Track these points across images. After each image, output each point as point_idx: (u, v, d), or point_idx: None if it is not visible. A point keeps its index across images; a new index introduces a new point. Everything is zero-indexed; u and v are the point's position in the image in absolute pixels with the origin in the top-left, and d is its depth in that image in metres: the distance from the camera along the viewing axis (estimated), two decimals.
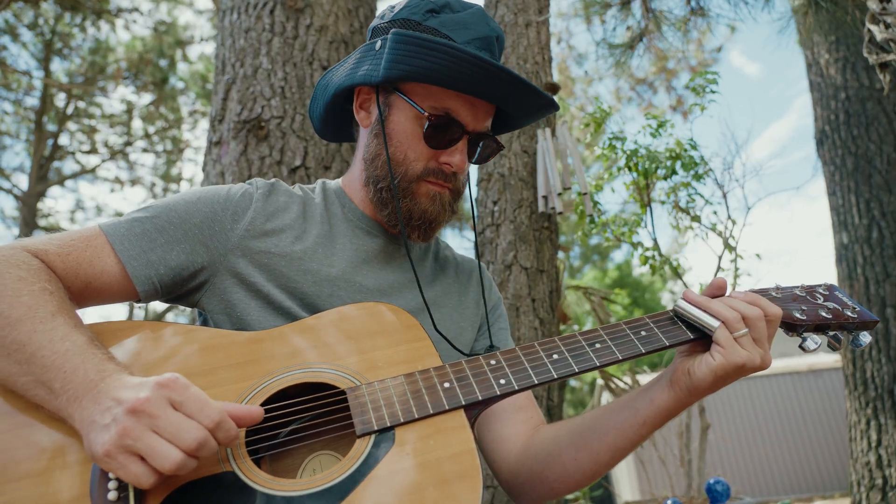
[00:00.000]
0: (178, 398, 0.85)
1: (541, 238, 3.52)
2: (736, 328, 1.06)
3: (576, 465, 1.21)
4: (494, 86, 1.20)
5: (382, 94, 1.28)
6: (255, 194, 1.28)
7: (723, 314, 1.08)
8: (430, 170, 1.25)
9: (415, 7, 1.26)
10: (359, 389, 1.03)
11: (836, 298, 1.23)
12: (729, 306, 1.08)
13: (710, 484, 3.73)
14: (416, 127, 1.24)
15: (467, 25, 1.24)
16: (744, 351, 1.06)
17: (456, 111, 1.23)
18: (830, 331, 1.19)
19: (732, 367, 1.06)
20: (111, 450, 0.82)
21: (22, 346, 0.93)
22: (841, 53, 6.92)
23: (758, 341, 1.08)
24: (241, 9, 3.68)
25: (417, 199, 1.26)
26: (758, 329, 1.07)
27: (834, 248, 6.84)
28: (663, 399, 1.13)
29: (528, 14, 3.88)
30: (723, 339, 1.06)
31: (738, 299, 1.10)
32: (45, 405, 0.92)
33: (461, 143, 1.25)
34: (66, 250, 1.11)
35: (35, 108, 13.85)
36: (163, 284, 1.17)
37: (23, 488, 0.88)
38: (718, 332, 1.07)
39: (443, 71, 1.15)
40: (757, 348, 1.07)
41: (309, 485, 0.92)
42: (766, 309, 1.09)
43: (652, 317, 1.15)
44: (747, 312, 1.07)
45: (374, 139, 1.29)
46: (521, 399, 1.38)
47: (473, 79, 1.17)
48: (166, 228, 1.18)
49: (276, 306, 1.20)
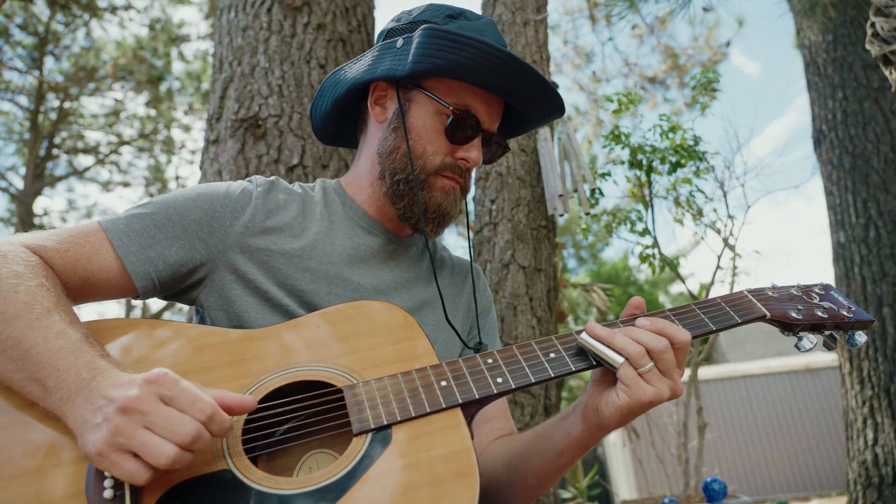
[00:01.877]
0: (168, 393, 0.85)
1: (538, 237, 3.52)
2: (640, 364, 1.02)
3: (508, 486, 1.22)
4: (516, 82, 1.23)
5: (402, 89, 1.29)
6: (254, 192, 1.28)
7: (626, 350, 1.02)
8: (446, 164, 1.28)
9: (434, 11, 1.31)
10: (355, 388, 1.03)
11: (832, 298, 1.23)
12: (633, 339, 1.03)
13: (707, 482, 3.74)
14: (438, 122, 1.27)
15: (484, 32, 1.27)
16: (649, 387, 1.02)
17: (475, 108, 1.27)
18: (826, 330, 1.19)
19: (638, 405, 1.02)
20: (103, 448, 0.82)
21: (17, 343, 0.93)
22: (839, 53, 6.93)
23: (665, 373, 1.03)
24: (238, 7, 3.68)
25: (433, 192, 1.29)
26: (664, 361, 1.02)
27: (831, 248, 6.86)
28: (577, 432, 1.12)
29: (526, 13, 3.88)
30: (627, 378, 1.02)
31: (644, 329, 1.05)
32: (40, 403, 0.92)
33: (477, 139, 1.29)
34: (64, 246, 1.10)
35: (29, 107, 13.82)
36: (161, 281, 1.17)
37: (18, 486, 0.87)
38: (622, 370, 1.02)
39: (473, 66, 1.18)
40: (665, 380, 1.03)
41: (305, 483, 0.92)
42: (674, 337, 1.04)
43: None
44: (652, 345, 1.02)
45: (391, 133, 1.31)
46: (492, 410, 1.38)
47: (500, 75, 1.20)
48: (165, 225, 1.18)
49: (275, 304, 1.20)
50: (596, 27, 9.44)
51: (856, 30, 6.87)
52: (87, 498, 0.87)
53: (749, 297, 1.19)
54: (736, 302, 1.18)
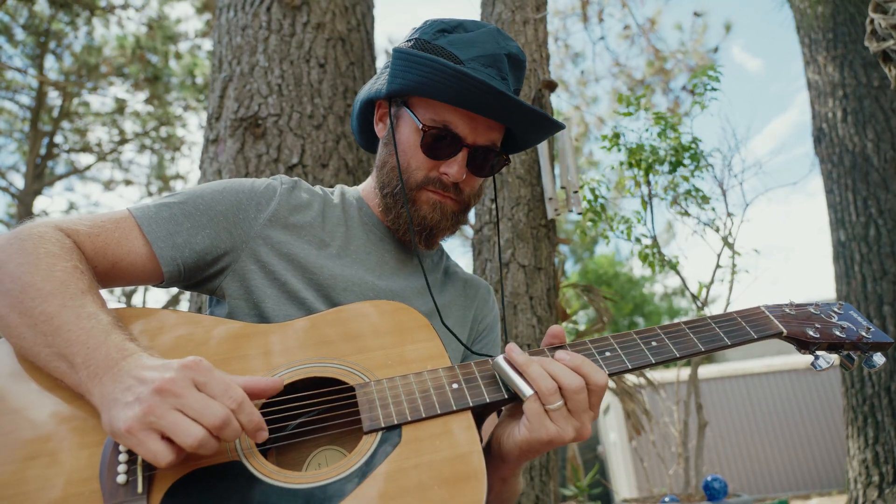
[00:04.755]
0: (202, 379, 0.87)
1: (538, 236, 3.52)
2: (549, 401, 0.99)
3: None
4: (483, 100, 1.22)
5: (394, 107, 1.36)
6: (279, 188, 1.33)
7: (538, 383, 0.99)
8: (430, 179, 1.31)
9: (428, 28, 1.34)
10: (368, 386, 1.04)
11: (850, 318, 1.22)
12: (548, 373, 1.00)
13: (707, 481, 3.75)
14: (417, 138, 1.30)
15: (474, 43, 1.29)
16: (553, 426, 0.99)
17: (454, 124, 1.27)
18: (843, 350, 1.17)
19: (538, 443, 1.00)
20: (134, 426, 0.83)
21: (50, 319, 0.96)
22: (839, 51, 6.94)
23: (574, 413, 1.00)
24: (237, 6, 3.67)
25: (418, 205, 1.32)
26: (575, 402, 0.99)
27: (832, 246, 6.86)
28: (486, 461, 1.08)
29: (525, 11, 3.87)
30: (531, 413, 1.00)
31: (562, 363, 1.02)
32: (65, 379, 0.95)
33: (460, 155, 1.29)
34: (95, 231, 1.14)
35: (30, 106, 13.80)
36: (186, 267, 1.21)
37: (32, 468, 0.89)
38: (528, 404, 1.00)
39: (428, 83, 1.22)
40: (572, 421, 1.00)
41: (314, 478, 0.93)
42: (590, 377, 1.00)
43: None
44: (567, 383, 0.99)
45: (384, 148, 1.38)
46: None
47: (469, 95, 1.21)
48: (193, 214, 1.22)
49: (293, 295, 1.23)
50: (588, 26, 9.43)
51: (856, 28, 6.88)
52: (100, 482, 0.88)
53: (766, 312, 1.18)
54: (752, 317, 1.17)
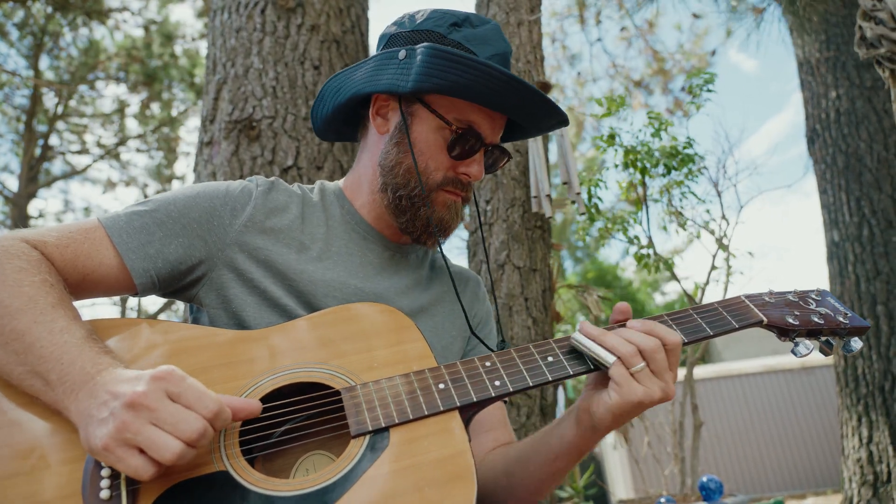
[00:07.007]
0: (176, 390, 0.86)
1: (533, 237, 3.52)
2: (632, 363, 1.02)
3: (507, 492, 1.22)
4: (519, 102, 1.24)
5: (404, 103, 1.28)
6: (254, 191, 1.28)
7: (618, 349, 1.03)
8: (448, 179, 1.28)
9: (439, 19, 1.28)
10: (354, 390, 1.03)
11: (828, 304, 1.24)
12: (625, 339, 1.04)
13: (703, 481, 3.75)
14: (440, 138, 1.26)
15: (488, 41, 1.27)
16: (640, 387, 1.02)
17: (478, 124, 1.26)
18: (822, 336, 1.20)
19: (629, 405, 1.02)
20: (110, 443, 0.82)
21: (20, 336, 0.93)
22: (831, 52, 6.96)
23: (657, 373, 1.03)
24: (232, 8, 3.67)
25: (436, 207, 1.29)
26: (656, 361, 1.03)
27: (825, 246, 6.88)
28: (571, 436, 1.12)
29: (519, 13, 3.88)
30: (618, 376, 1.02)
31: (635, 330, 1.06)
32: (41, 397, 0.93)
33: (479, 154, 1.29)
34: (64, 242, 1.11)
35: (24, 107, 13.74)
36: (160, 278, 1.18)
37: (14, 486, 0.87)
38: (614, 369, 1.03)
39: (474, 87, 1.18)
40: (656, 381, 1.03)
41: (302, 485, 0.92)
42: (665, 338, 1.05)
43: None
44: (644, 345, 1.03)
45: (394, 147, 1.30)
46: (492, 420, 1.38)
47: (502, 95, 1.21)
48: (165, 222, 1.18)
49: (273, 302, 1.20)
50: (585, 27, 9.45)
51: (848, 29, 6.89)
52: (83, 498, 0.87)
53: (746, 302, 1.19)
54: (733, 307, 1.18)
